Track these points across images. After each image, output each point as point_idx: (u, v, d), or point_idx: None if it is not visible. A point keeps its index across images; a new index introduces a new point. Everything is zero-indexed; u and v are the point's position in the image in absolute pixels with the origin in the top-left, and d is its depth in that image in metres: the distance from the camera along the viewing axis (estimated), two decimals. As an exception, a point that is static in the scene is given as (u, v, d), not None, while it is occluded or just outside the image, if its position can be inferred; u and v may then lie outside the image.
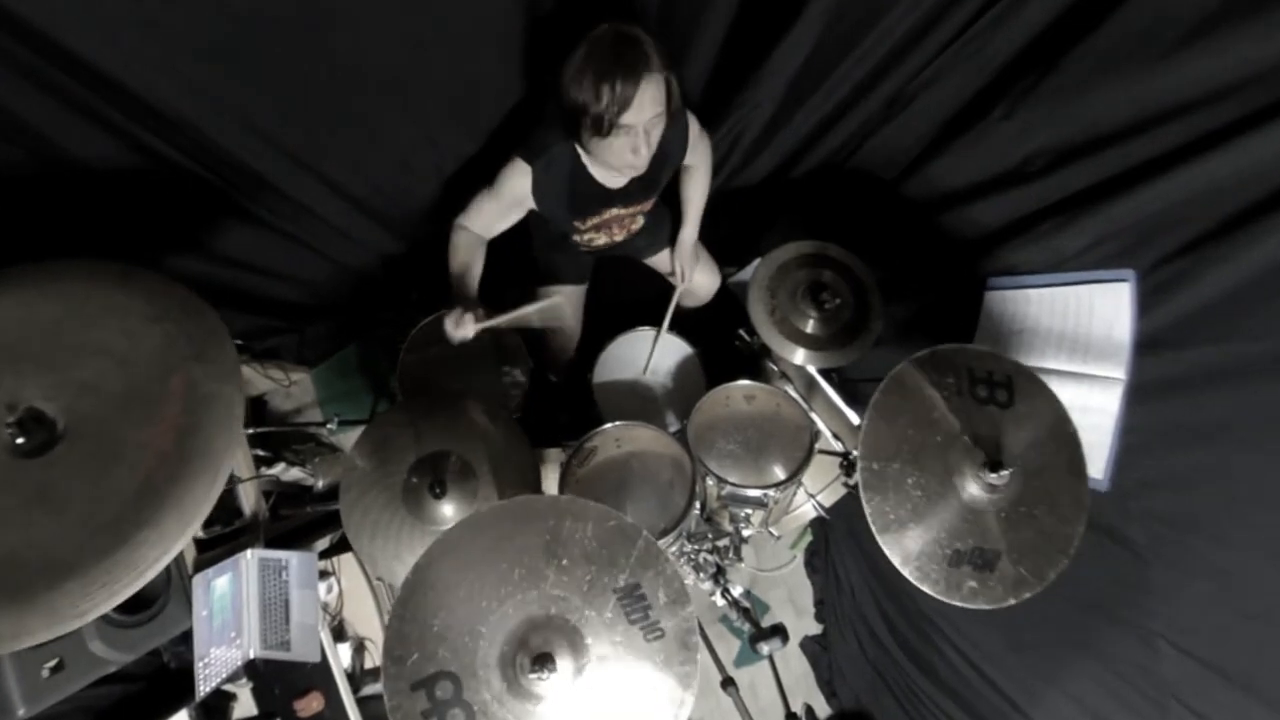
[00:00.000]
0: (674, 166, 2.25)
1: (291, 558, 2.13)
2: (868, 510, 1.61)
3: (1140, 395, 1.96)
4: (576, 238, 2.39)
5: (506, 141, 2.14)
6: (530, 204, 2.11)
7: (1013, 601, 1.58)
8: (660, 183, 2.28)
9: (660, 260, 2.77)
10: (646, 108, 1.81)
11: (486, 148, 2.35)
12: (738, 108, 2.39)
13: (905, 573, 1.59)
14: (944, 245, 2.42)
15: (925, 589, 1.58)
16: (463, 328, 2.02)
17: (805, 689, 3.24)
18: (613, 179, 2.15)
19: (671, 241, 2.67)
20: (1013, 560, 1.60)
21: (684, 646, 1.38)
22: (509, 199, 2.09)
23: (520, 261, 2.58)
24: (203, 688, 1.99)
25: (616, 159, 1.94)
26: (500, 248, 2.23)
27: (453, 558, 1.40)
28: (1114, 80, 1.86)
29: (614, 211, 2.28)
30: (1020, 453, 1.67)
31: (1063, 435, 1.71)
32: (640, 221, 2.47)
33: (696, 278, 2.75)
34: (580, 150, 2.03)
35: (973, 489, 1.63)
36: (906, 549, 1.61)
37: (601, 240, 2.45)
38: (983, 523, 1.63)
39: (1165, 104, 1.78)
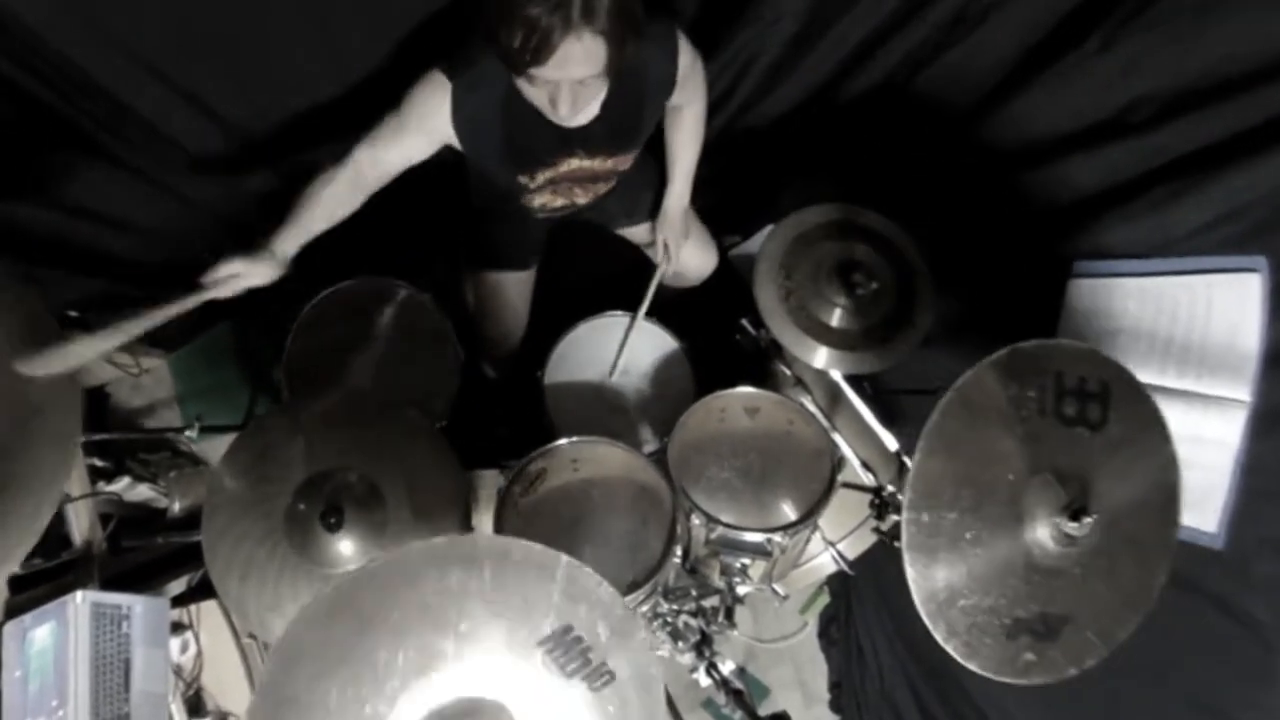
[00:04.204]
0: (658, 104, 2.21)
1: (135, 604, 2.12)
2: (911, 575, 1.57)
3: (1269, 424, 1.96)
4: (525, 200, 2.35)
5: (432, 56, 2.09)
6: (450, 138, 2.04)
7: (1073, 672, 1.58)
8: (639, 128, 2.23)
9: (640, 232, 2.78)
10: (572, 67, 1.74)
11: (407, 63, 2.32)
12: (749, 24, 2.38)
13: (950, 649, 1.57)
14: (1016, 217, 2.42)
15: (974, 667, 1.57)
16: (242, 277, 2.01)
17: (815, 799, 3.26)
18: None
19: (654, 209, 2.66)
20: (1081, 625, 1.60)
21: (644, 688, 1.37)
22: (416, 124, 2.02)
23: (454, 233, 2.57)
24: (12, 774, 1.98)
25: (534, 101, 1.91)
26: (432, 216, 2.20)
27: (314, 650, 1.34)
28: (1246, 5, 1.86)
29: (573, 164, 2.22)
30: (1111, 490, 1.65)
31: (1169, 468, 1.70)
32: (613, 183, 2.44)
33: (685, 255, 2.75)
34: None
35: (1043, 540, 1.62)
36: (954, 621, 1.58)
37: (559, 203, 2.41)
38: (1050, 583, 1.62)
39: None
